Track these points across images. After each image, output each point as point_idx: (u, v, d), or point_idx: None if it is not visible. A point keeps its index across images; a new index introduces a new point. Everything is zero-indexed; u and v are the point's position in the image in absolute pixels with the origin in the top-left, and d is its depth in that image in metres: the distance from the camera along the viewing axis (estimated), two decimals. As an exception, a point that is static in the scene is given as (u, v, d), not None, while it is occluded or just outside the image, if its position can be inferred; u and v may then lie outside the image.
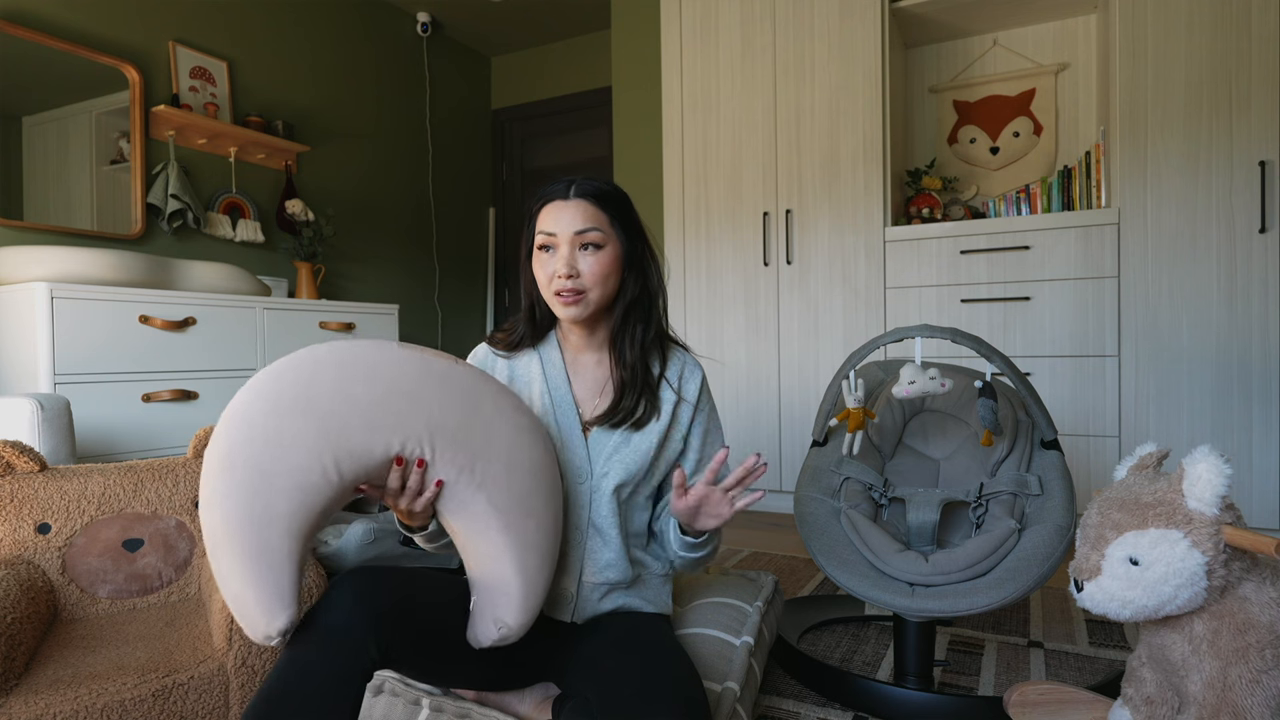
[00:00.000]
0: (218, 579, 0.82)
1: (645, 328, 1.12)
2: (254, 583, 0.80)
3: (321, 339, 2.80)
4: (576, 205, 1.05)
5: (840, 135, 2.78)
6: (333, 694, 0.84)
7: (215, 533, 0.81)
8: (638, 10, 3.61)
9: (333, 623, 0.86)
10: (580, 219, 1.04)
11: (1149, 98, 2.38)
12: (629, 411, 1.09)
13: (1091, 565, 0.95)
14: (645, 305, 1.12)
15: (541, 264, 1.07)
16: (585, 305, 1.05)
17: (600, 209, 1.06)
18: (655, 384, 1.12)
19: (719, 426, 1.20)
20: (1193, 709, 0.91)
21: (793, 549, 2.40)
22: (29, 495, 1.27)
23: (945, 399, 1.59)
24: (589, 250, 1.04)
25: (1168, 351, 2.36)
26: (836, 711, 1.33)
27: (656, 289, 1.13)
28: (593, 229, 1.04)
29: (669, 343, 1.17)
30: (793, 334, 2.88)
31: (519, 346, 1.15)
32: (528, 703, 1.10)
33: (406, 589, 0.94)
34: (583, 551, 1.08)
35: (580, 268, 1.04)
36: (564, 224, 1.04)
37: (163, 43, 2.95)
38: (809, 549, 1.39)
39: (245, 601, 0.80)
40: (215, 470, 0.83)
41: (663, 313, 1.15)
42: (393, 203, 4.07)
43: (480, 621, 0.95)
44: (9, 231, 2.48)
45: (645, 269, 1.11)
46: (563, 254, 1.04)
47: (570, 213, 1.04)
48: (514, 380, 1.14)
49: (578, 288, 1.04)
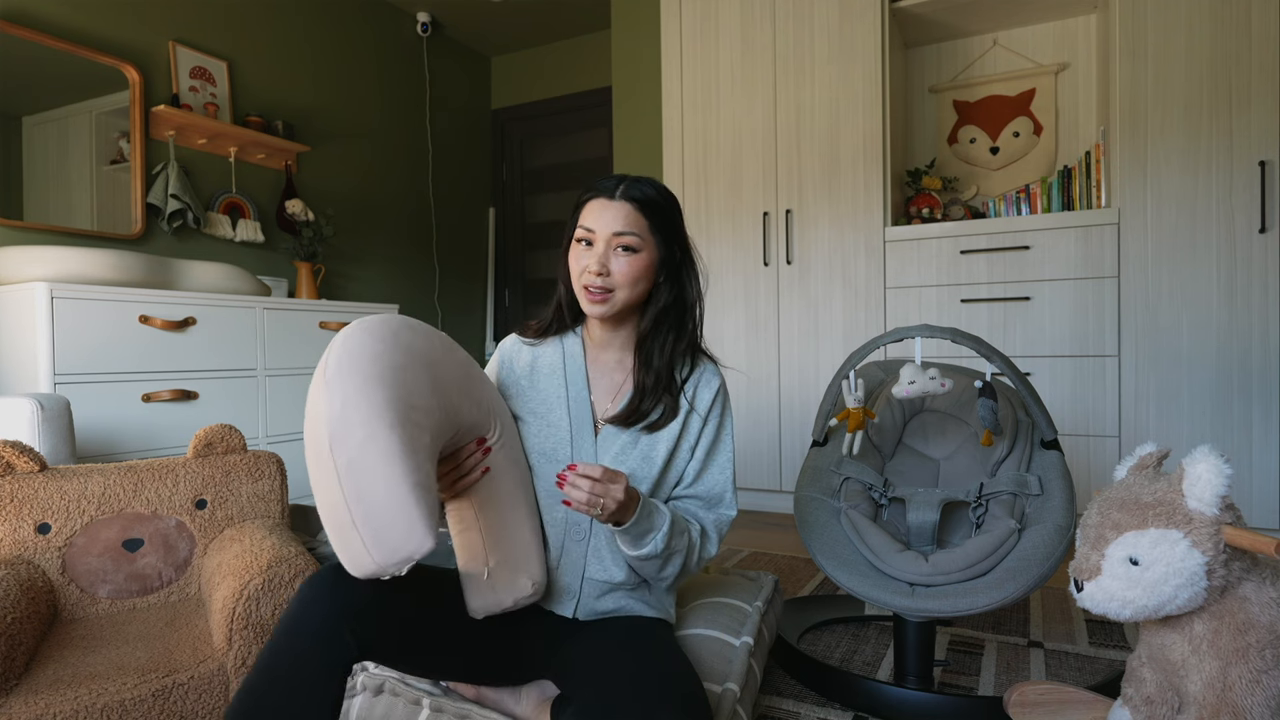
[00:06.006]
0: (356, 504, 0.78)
1: (677, 337, 1.12)
2: (413, 504, 0.78)
3: (321, 339, 2.80)
4: (619, 207, 1.06)
5: (840, 135, 2.78)
6: (313, 689, 0.86)
7: (366, 456, 0.78)
8: (638, 10, 3.61)
9: (310, 617, 0.87)
10: (620, 221, 1.05)
11: (1149, 98, 2.38)
12: (644, 415, 1.09)
13: (1091, 565, 0.95)
14: (679, 314, 1.13)
15: (576, 256, 1.08)
16: (611, 305, 1.06)
17: (642, 214, 1.06)
18: (676, 391, 1.12)
19: (729, 443, 1.15)
20: (1193, 709, 0.91)
21: (793, 549, 2.40)
22: (29, 495, 1.27)
23: (945, 399, 1.59)
24: (623, 252, 1.05)
25: (1168, 351, 2.35)
26: (836, 711, 1.33)
27: (693, 300, 1.14)
28: (630, 233, 1.05)
29: (699, 354, 1.17)
30: (793, 334, 2.88)
31: (547, 333, 1.17)
32: (526, 703, 1.10)
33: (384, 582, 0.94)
34: (586, 548, 1.08)
35: (612, 267, 1.05)
36: (604, 223, 1.05)
37: (163, 43, 2.95)
38: (809, 549, 1.39)
39: (396, 521, 0.77)
40: (352, 395, 0.81)
41: (698, 323, 1.15)
42: (393, 203, 4.07)
43: (501, 586, 0.99)
44: (9, 231, 2.48)
45: (683, 279, 1.12)
46: (597, 251, 1.05)
47: (612, 213, 1.05)
48: (535, 369, 1.15)
49: (606, 286, 1.05)
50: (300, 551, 1.25)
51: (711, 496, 1.14)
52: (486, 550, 1.00)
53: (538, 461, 1.10)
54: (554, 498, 1.08)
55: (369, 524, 0.77)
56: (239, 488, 1.44)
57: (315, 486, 0.81)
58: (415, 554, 0.77)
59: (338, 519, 0.79)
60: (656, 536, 1.01)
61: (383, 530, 0.77)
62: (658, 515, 1.02)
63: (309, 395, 0.85)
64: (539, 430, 1.11)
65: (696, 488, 1.13)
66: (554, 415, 1.11)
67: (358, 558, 0.78)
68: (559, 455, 1.09)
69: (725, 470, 1.14)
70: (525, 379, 1.15)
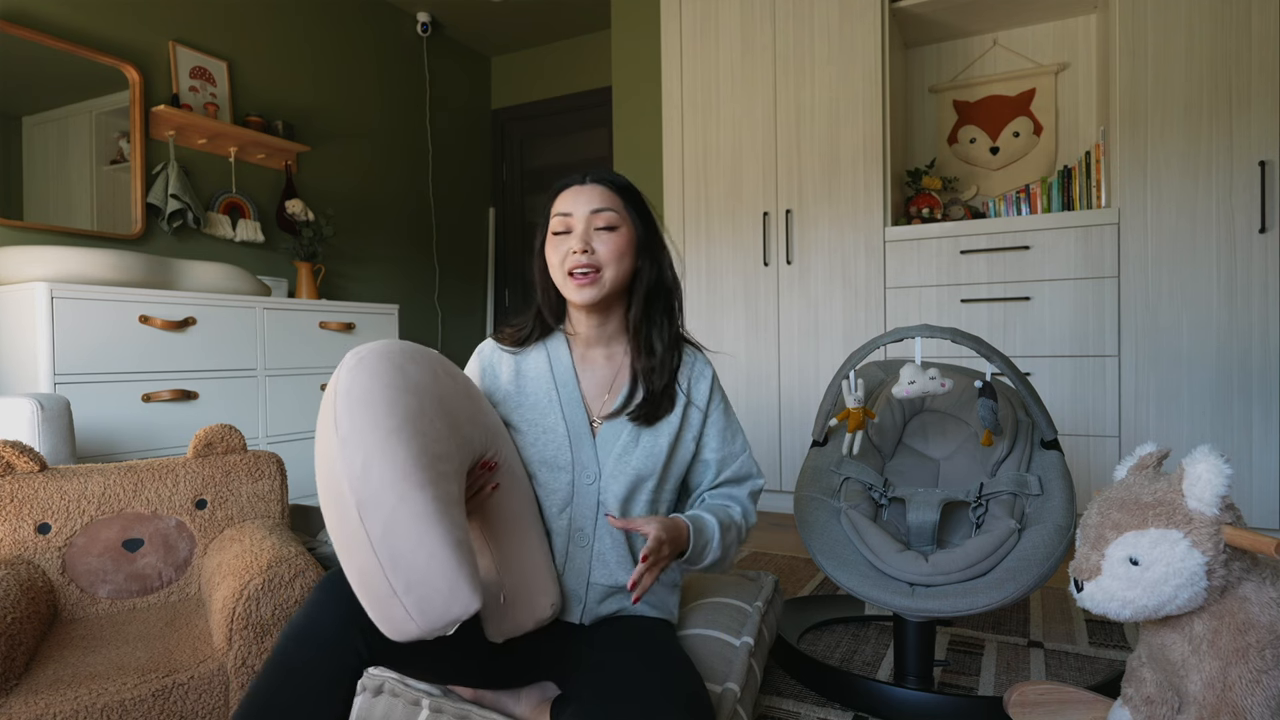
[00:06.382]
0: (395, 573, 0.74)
1: (670, 320, 1.13)
2: (456, 565, 0.75)
3: (321, 339, 2.81)
4: (593, 189, 1.08)
5: (840, 135, 2.78)
6: (322, 695, 0.84)
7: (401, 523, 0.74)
8: (638, 10, 3.61)
9: (320, 623, 0.86)
10: (597, 199, 1.07)
11: (1149, 98, 2.38)
12: (645, 402, 1.09)
13: (1091, 565, 0.95)
14: (665, 296, 1.13)
15: (556, 246, 1.08)
16: (600, 286, 1.05)
17: (616, 193, 1.08)
18: (672, 380, 1.12)
19: (735, 423, 1.18)
20: (1193, 709, 0.91)
21: (793, 549, 2.40)
22: (29, 495, 1.27)
23: (945, 399, 1.59)
24: (604, 232, 1.06)
25: (1168, 351, 2.35)
26: (836, 711, 1.33)
27: (672, 283, 1.14)
28: (608, 209, 1.06)
29: (684, 343, 1.17)
30: (793, 334, 2.88)
31: (527, 342, 1.15)
32: (526, 704, 1.10)
33: None
34: (590, 554, 1.07)
35: (595, 246, 1.05)
36: (580, 204, 1.06)
37: (163, 43, 2.95)
38: (809, 549, 1.39)
39: (440, 587, 0.74)
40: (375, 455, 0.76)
41: (678, 310, 1.16)
42: (392, 203, 4.07)
43: (521, 609, 0.98)
44: (9, 231, 2.48)
45: (659, 259, 1.13)
46: (578, 232, 1.05)
47: (587, 195, 1.07)
48: (521, 377, 1.13)
49: (593, 264, 1.05)
50: (300, 551, 1.25)
51: (740, 475, 1.16)
52: (500, 575, 0.97)
53: (538, 469, 1.08)
54: (556, 506, 1.07)
55: (412, 593, 0.74)
56: (239, 488, 1.44)
57: (343, 551, 0.77)
58: (463, 615, 0.75)
59: (375, 588, 0.75)
60: (713, 544, 1.05)
61: (428, 597, 0.74)
62: (706, 526, 1.05)
63: (318, 443, 0.80)
64: (535, 438, 1.09)
65: (725, 474, 1.15)
66: (548, 421, 1.09)
67: (401, 625, 0.75)
68: (559, 461, 1.07)
69: (744, 448, 1.17)
70: (512, 386, 1.13)
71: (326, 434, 0.79)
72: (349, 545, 0.76)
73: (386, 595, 0.74)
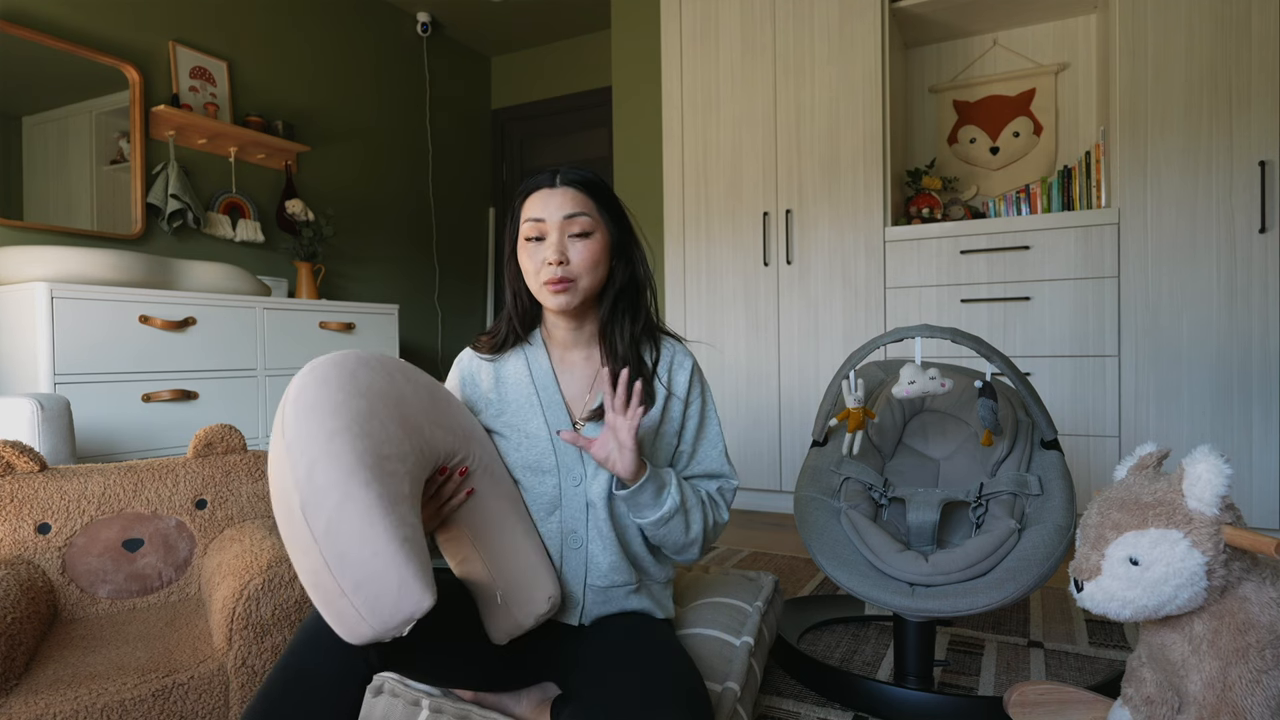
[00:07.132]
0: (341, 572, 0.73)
1: (634, 318, 1.10)
2: (404, 561, 0.73)
3: (321, 339, 2.81)
4: (564, 192, 1.04)
5: (840, 135, 2.78)
6: (331, 698, 0.84)
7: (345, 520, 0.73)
8: (638, 10, 3.61)
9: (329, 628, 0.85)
10: (569, 204, 1.03)
11: (1149, 98, 2.38)
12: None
13: (1091, 565, 0.95)
14: (633, 295, 1.11)
15: (529, 253, 1.05)
16: (575, 294, 1.04)
17: (588, 195, 1.05)
18: (649, 376, 1.10)
19: (714, 419, 1.15)
20: (1193, 709, 0.91)
21: (793, 549, 2.40)
22: (29, 495, 1.27)
23: (945, 399, 1.59)
24: (578, 238, 1.03)
25: (1168, 351, 2.35)
26: (836, 711, 1.33)
27: (644, 278, 1.12)
28: (581, 214, 1.03)
29: (660, 334, 1.15)
30: (793, 334, 2.88)
31: (503, 348, 1.14)
32: (526, 704, 1.10)
33: None
34: (585, 555, 1.07)
35: (570, 255, 1.03)
36: (552, 210, 1.03)
37: (163, 43, 2.95)
38: (809, 549, 1.39)
39: (388, 584, 0.73)
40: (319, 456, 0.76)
41: (651, 302, 1.13)
42: (392, 203, 4.07)
43: (519, 608, 0.98)
44: (9, 231, 2.48)
45: (632, 257, 1.10)
46: (552, 240, 1.03)
47: (558, 199, 1.04)
48: (501, 383, 1.12)
49: (568, 275, 1.02)
50: (300, 551, 1.25)
51: (710, 473, 1.15)
52: (494, 577, 0.97)
53: (523, 475, 1.08)
54: (544, 509, 1.07)
55: (361, 591, 0.72)
56: (239, 488, 1.44)
57: (294, 557, 0.76)
58: (415, 613, 0.74)
59: (325, 589, 0.74)
60: (670, 488, 1.02)
61: (378, 596, 0.73)
62: (664, 470, 1.04)
63: (270, 461, 0.80)
64: (518, 444, 1.08)
65: (693, 468, 1.14)
66: (530, 426, 1.08)
67: (354, 627, 0.74)
68: (544, 465, 1.06)
69: (717, 445, 1.15)
70: (493, 393, 1.12)
71: (275, 443, 0.80)
72: (296, 546, 0.75)
73: (336, 595, 0.73)
